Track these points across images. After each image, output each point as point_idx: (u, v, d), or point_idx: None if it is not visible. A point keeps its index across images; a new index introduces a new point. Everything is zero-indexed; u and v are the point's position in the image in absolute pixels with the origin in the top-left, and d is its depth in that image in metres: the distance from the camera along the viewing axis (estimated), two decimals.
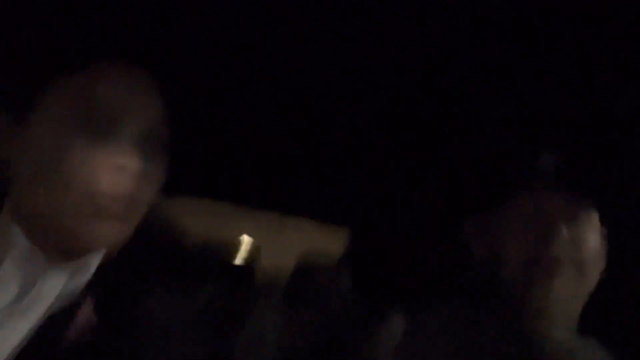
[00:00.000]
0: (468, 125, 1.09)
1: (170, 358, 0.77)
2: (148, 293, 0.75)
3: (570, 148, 1.02)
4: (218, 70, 1.05)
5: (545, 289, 0.92)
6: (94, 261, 0.73)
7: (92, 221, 0.67)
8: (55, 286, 0.70)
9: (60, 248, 0.70)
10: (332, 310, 1.51)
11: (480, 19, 0.82)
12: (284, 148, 1.48)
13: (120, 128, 0.70)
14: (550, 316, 0.92)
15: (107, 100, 0.70)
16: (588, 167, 0.98)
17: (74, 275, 0.72)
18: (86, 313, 0.70)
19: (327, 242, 2.08)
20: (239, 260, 2.33)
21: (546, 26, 0.86)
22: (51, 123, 0.69)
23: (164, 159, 0.75)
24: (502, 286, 0.97)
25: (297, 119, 1.35)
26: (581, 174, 0.97)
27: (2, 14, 0.87)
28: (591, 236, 0.94)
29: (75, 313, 0.70)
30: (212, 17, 0.90)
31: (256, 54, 1.04)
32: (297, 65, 1.08)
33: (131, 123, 0.71)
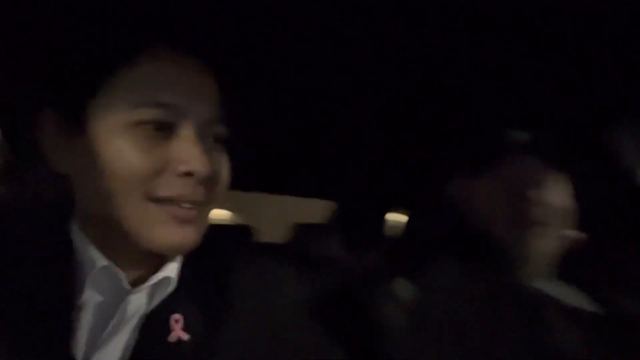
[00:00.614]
0: (459, 113, 1.20)
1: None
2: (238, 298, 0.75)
3: (537, 126, 1.17)
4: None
5: (527, 243, 1.09)
6: (172, 272, 0.72)
7: (165, 226, 0.65)
8: (137, 308, 0.70)
9: (136, 258, 0.70)
10: (334, 272, 1.60)
11: (480, 19, 0.83)
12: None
13: (185, 123, 0.66)
14: (533, 265, 1.10)
15: (170, 91, 0.65)
16: (558, 140, 1.14)
17: (155, 291, 0.71)
18: (177, 332, 0.68)
19: (312, 215, 2.15)
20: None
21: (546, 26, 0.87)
22: (108, 124, 0.64)
23: (228, 157, 0.72)
24: (491, 243, 1.13)
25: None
26: (549, 147, 1.13)
27: (52, 18, 0.79)
28: (560, 197, 1.12)
29: (165, 333, 0.68)
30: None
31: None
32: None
33: (196, 116, 0.66)
